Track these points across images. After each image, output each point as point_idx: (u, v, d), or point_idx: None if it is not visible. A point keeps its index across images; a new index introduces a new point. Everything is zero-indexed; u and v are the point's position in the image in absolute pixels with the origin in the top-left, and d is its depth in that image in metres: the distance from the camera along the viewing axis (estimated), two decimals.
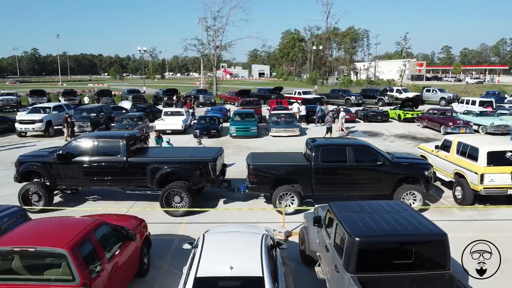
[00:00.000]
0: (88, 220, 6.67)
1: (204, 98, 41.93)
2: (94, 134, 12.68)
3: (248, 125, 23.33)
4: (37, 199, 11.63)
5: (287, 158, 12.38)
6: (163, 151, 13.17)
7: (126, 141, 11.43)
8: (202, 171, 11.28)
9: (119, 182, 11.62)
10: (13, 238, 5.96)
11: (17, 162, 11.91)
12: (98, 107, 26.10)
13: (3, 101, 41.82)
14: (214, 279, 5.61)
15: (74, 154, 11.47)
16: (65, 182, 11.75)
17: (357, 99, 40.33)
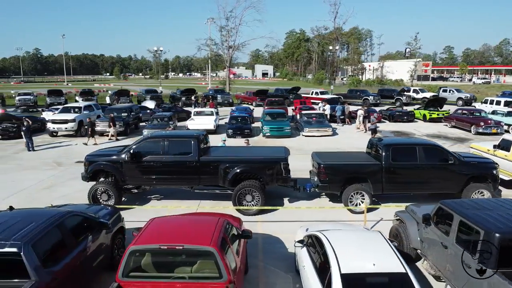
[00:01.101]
0: (215, 218, 6.72)
1: (222, 98, 41.98)
2: (164, 134, 12.71)
3: (281, 125, 23.40)
4: (107, 199, 11.66)
5: (354, 157, 12.48)
6: (229, 150, 13.19)
7: (197, 140, 11.48)
8: (274, 170, 11.35)
9: (189, 181, 11.67)
10: (156, 236, 5.99)
11: (86, 162, 11.93)
12: (129, 107, 26.13)
13: (21, 101, 41.73)
14: (361, 275, 5.66)
15: (145, 153, 11.51)
16: (135, 181, 11.79)
17: (375, 99, 40.46)
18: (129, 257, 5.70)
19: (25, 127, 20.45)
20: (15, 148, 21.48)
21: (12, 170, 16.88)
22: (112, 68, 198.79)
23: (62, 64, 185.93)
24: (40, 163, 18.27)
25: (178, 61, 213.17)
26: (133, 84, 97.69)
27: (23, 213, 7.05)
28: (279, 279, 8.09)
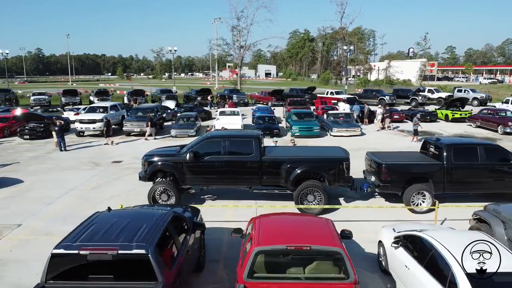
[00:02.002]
0: (322, 219, 6.69)
1: (238, 98, 41.90)
2: (224, 133, 12.66)
3: (311, 125, 23.36)
4: (166, 199, 11.60)
5: (412, 157, 12.47)
6: (288, 150, 13.12)
7: (258, 140, 11.45)
8: (337, 170, 11.31)
9: (250, 181, 11.62)
10: (278, 236, 5.94)
11: (145, 162, 11.86)
12: (155, 107, 26.06)
13: (36, 101, 41.58)
14: (489, 274, 5.63)
15: (206, 153, 11.46)
16: (196, 181, 11.74)
17: (391, 99, 40.48)
18: (254, 258, 5.65)
19: (58, 127, 20.35)
20: (46, 148, 21.38)
21: (52, 170, 16.78)
22: (113, 68, 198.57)
23: (64, 64, 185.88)
24: (77, 163, 18.18)
25: (179, 61, 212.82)
26: (139, 84, 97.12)
27: (129, 214, 7.00)
28: (368, 279, 8.04)
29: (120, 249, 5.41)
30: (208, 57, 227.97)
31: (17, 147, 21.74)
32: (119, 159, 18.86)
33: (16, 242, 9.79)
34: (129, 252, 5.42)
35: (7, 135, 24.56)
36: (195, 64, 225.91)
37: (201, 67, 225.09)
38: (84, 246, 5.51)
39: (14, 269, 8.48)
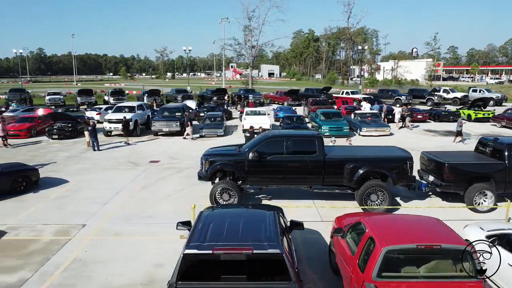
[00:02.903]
0: (432, 218, 6.66)
1: (254, 98, 41.81)
2: (286, 133, 12.58)
3: (340, 125, 23.33)
4: (228, 198, 11.55)
5: (471, 157, 12.44)
6: (349, 149, 13.04)
7: (321, 139, 11.41)
8: (401, 169, 11.28)
9: (313, 181, 11.58)
10: (406, 235, 5.90)
11: (206, 161, 11.78)
12: (181, 107, 26.00)
13: (51, 101, 41.45)
14: None
15: (269, 153, 11.41)
16: (257, 180, 11.69)
17: (407, 98, 40.49)
18: (383, 257, 5.61)
19: (91, 127, 20.25)
20: (78, 148, 21.29)
21: (93, 170, 16.70)
22: (115, 68, 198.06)
23: (65, 64, 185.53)
24: (115, 162, 18.10)
25: (181, 61, 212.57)
26: (145, 84, 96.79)
27: (236, 214, 6.95)
28: None
29: (254, 249, 5.35)
30: (209, 57, 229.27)
31: (48, 147, 21.64)
32: (155, 159, 18.79)
33: (88, 242, 9.72)
34: (263, 251, 5.36)
35: (34, 135, 24.44)
36: (197, 64, 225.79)
37: (203, 67, 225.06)
38: (217, 246, 5.44)
39: (96, 270, 8.41)
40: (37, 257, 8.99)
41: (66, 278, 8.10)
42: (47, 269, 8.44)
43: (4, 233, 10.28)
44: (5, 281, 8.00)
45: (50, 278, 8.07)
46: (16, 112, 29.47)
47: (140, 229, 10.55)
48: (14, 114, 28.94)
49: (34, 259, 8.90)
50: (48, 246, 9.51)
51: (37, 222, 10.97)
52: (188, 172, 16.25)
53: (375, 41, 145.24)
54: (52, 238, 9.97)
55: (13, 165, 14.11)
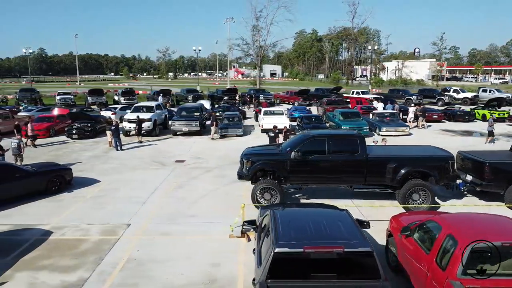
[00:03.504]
0: (504, 217, 6.70)
1: (265, 98, 41.81)
2: (327, 133, 12.63)
3: (360, 125, 23.32)
4: (269, 197, 11.56)
5: (509, 156, 12.50)
6: (385, 149, 13.06)
7: (363, 139, 11.44)
8: (443, 168, 11.31)
9: (355, 180, 11.60)
10: (483, 233, 5.92)
11: (248, 161, 11.79)
12: (200, 107, 26.01)
13: (62, 100, 41.38)
14: None
15: (311, 152, 11.43)
16: (299, 180, 11.71)
17: (418, 98, 40.56)
18: (468, 255, 5.63)
19: (114, 127, 20.24)
20: (101, 148, 21.27)
21: (122, 170, 16.68)
22: (116, 68, 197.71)
23: (67, 64, 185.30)
24: (141, 162, 18.10)
25: (182, 61, 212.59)
26: (148, 84, 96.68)
27: (308, 213, 6.98)
28: None
29: (345, 247, 5.37)
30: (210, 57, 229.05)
31: (70, 147, 21.63)
32: (179, 158, 18.80)
33: (137, 242, 9.72)
34: (355, 250, 5.39)
35: (52, 135, 24.41)
36: (198, 64, 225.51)
37: (204, 67, 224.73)
38: (306, 244, 5.46)
39: (154, 269, 8.42)
40: (90, 256, 8.99)
41: (125, 277, 8.10)
42: (104, 268, 8.44)
43: (51, 233, 10.28)
44: (66, 280, 8.00)
45: (110, 278, 8.07)
46: (31, 112, 29.43)
47: (186, 228, 10.54)
48: (30, 114, 28.90)
49: (88, 258, 8.90)
50: (99, 246, 9.52)
51: (80, 222, 10.97)
52: (216, 172, 16.26)
53: (377, 41, 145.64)
54: (100, 238, 9.97)
55: (46, 165, 14.12)
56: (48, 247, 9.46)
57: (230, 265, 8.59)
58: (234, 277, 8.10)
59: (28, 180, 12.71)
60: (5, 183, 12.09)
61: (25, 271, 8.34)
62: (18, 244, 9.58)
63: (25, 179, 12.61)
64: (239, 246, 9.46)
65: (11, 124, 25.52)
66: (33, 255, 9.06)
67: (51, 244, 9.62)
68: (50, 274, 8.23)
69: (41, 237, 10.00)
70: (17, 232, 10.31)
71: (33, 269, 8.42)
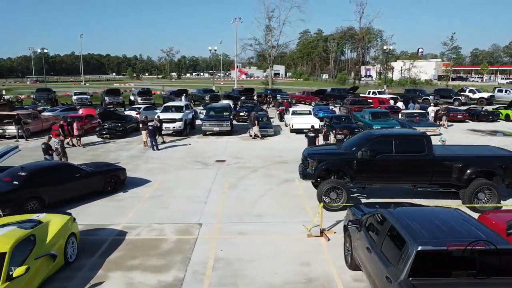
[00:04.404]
0: None
1: (282, 98, 41.83)
2: (393, 132, 12.65)
3: (392, 124, 23.33)
4: (335, 197, 11.57)
5: None
6: (449, 148, 13.04)
7: (430, 139, 11.48)
8: (508, 168, 11.35)
9: (420, 179, 11.62)
10: None
11: (314, 161, 11.78)
12: (228, 106, 25.99)
13: (78, 100, 41.34)
14: None
15: (377, 151, 11.45)
16: (365, 179, 11.72)
17: (435, 98, 40.68)
18: None
19: (152, 127, 20.23)
20: (136, 148, 21.24)
21: (167, 170, 16.65)
22: (118, 68, 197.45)
23: (68, 64, 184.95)
24: (183, 162, 18.08)
25: (184, 61, 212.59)
26: (153, 84, 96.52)
27: (428, 212, 6.98)
28: None
29: (487, 245, 5.39)
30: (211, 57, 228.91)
31: (105, 147, 21.60)
32: (218, 158, 18.78)
33: (217, 241, 9.70)
34: (502, 247, 5.41)
35: (82, 135, 24.32)
36: (199, 64, 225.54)
37: (205, 67, 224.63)
38: (448, 242, 5.48)
39: (246, 268, 8.40)
40: (176, 256, 8.98)
41: (221, 277, 8.09)
42: (196, 268, 8.43)
43: (125, 233, 10.26)
44: (162, 280, 7.99)
45: (206, 278, 8.06)
46: (55, 112, 29.35)
47: (259, 228, 10.53)
48: (53, 114, 28.84)
49: (174, 258, 8.89)
50: (179, 246, 9.50)
51: (149, 222, 10.95)
52: (263, 172, 16.25)
53: (380, 41, 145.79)
54: (177, 237, 9.96)
55: (101, 165, 14.10)
56: (128, 247, 9.44)
57: (321, 264, 8.59)
58: (329, 276, 8.10)
59: (87, 180, 12.69)
60: (67, 183, 12.07)
61: (117, 271, 8.33)
62: (97, 244, 9.56)
63: (84, 179, 12.59)
64: (320, 246, 9.46)
65: (40, 124, 25.58)
66: (117, 255, 9.04)
67: (130, 244, 9.61)
68: (143, 274, 8.21)
69: (117, 237, 9.99)
70: (90, 232, 10.29)
71: (124, 269, 8.41)
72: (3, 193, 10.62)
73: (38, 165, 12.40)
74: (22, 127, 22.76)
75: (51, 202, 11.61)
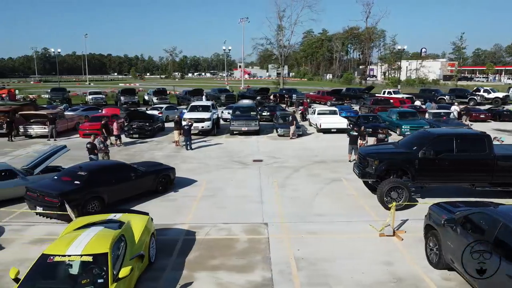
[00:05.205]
0: None
1: (298, 98, 41.79)
2: (453, 132, 12.62)
3: (421, 124, 23.34)
4: (396, 196, 11.53)
5: None
6: (507, 148, 13.01)
7: (490, 138, 11.47)
8: None
9: (481, 179, 11.61)
10: None
11: (375, 160, 11.74)
12: (254, 106, 25.95)
13: (93, 100, 41.25)
14: None
15: (438, 151, 11.43)
16: (424, 178, 11.68)
17: (450, 98, 40.75)
18: None
19: (187, 126, 20.18)
20: (169, 147, 21.22)
21: (208, 169, 16.58)
22: (119, 68, 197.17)
23: (70, 64, 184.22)
24: (221, 161, 18.03)
25: (185, 61, 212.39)
26: (157, 83, 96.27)
27: None
28: None
29: None
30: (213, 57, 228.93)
31: (137, 146, 21.53)
32: (255, 157, 18.75)
33: (290, 241, 9.62)
34: None
35: None
36: (201, 64, 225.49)
37: (207, 67, 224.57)
38: None
39: (331, 268, 8.34)
40: (255, 256, 8.92)
41: (310, 276, 8.03)
42: (281, 268, 8.36)
43: (193, 232, 10.19)
44: (252, 280, 7.92)
45: (294, 278, 7.99)
46: (77, 112, 29.25)
47: (326, 227, 10.47)
48: (75, 113, 28.73)
49: (254, 258, 8.83)
50: (254, 245, 9.44)
51: (212, 221, 10.87)
52: (305, 172, 16.20)
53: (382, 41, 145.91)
54: (248, 237, 9.90)
55: (152, 164, 14.03)
56: (203, 247, 9.37)
57: (403, 263, 8.53)
58: (417, 275, 8.05)
59: (142, 180, 12.61)
60: (124, 183, 11.99)
61: (201, 272, 8.25)
62: (170, 244, 9.49)
63: (139, 179, 12.51)
64: (396, 245, 9.42)
65: (65, 124, 25.48)
66: (195, 255, 8.97)
67: (203, 244, 9.54)
68: (229, 274, 8.14)
69: (188, 237, 9.92)
70: (159, 232, 10.19)
71: (208, 270, 8.33)
72: (67, 193, 10.53)
73: (96, 164, 12.34)
74: (55, 126, 22.69)
75: (110, 202, 11.55)
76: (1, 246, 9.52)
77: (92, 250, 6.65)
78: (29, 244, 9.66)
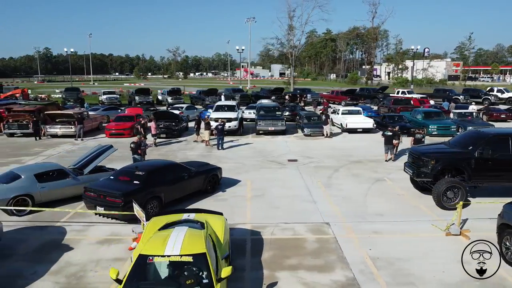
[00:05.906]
0: None
1: (312, 98, 41.81)
2: (507, 131, 12.64)
3: (448, 124, 23.47)
4: (452, 196, 11.56)
5: None
6: None
7: None
8: None
9: None
10: None
11: (432, 160, 11.76)
12: (278, 106, 25.97)
13: (108, 100, 41.19)
14: None
15: (494, 150, 11.47)
16: (479, 178, 11.71)
17: (465, 98, 40.86)
18: None
19: (221, 126, 20.20)
20: (200, 147, 21.26)
21: (247, 170, 16.56)
22: (121, 68, 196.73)
23: (72, 64, 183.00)
24: (257, 161, 18.03)
25: (186, 61, 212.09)
26: (162, 83, 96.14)
27: None
28: None
29: None
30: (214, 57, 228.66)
31: (168, 146, 21.53)
32: (288, 157, 18.78)
33: (359, 241, 9.63)
34: None
35: (135, 134, 24.22)
36: (202, 63, 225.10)
37: (208, 67, 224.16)
38: None
39: (408, 268, 8.34)
40: (329, 255, 8.92)
41: (393, 276, 8.03)
42: (360, 268, 8.36)
43: (258, 233, 10.18)
44: (336, 279, 7.92)
45: (377, 277, 8.00)
46: (97, 112, 29.20)
47: (388, 227, 10.46)
48: (96, 113, 28.67)
49: (330, 257, 8.83)
50: (324, 245, 9.45)
51: (273, 221, 10.86)
52: (346, 172, 16.21)
53: (385, 41, 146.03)
54: (316, 237, 9.91)
55: (200, 164, 14.00)
56: (274, 247, 9.35)
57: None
58: (498, 273, 8.05)
59: (193, 180, 12.61)
60: (178, 183, 11.98)
61: (282, 271, 8.24)
62: (239, 244, 9.45)
63: (192, 179, 12.51)
64: (464, 244, 9.42)
65: (89, 123, 25.44)
66: (269, 255, 8.96)
67: (273, 244, 9.53)
68: (311, 274, 8.14)
69: (254, 237, 9.92)
70: None
71: (288, 269, 8.32)
72: (130, 193, 10.49)
73: (151, 164, 12.33)
74: (83, 126, 22.65)
75: (166, 202, 11.54)
76: (70, 246, 9.49)
77: (190, 250, 6.60)
78: (97, 244, 9.63)
